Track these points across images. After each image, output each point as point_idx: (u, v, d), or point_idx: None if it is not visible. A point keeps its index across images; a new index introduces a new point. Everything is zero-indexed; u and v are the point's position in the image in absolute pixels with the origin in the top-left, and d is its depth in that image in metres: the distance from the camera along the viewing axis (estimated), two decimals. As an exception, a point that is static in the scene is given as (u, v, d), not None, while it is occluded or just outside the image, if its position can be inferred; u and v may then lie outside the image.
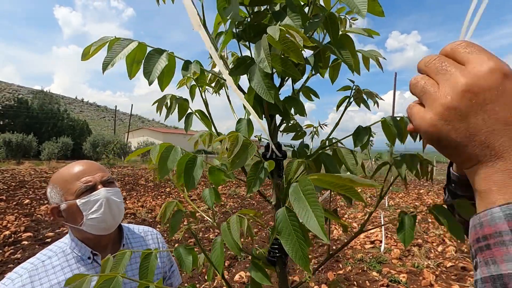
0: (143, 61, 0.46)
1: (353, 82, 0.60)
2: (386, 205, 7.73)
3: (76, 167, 0.93)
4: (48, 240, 4.60)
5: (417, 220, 0.58)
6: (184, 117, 0.60)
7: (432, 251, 4.42)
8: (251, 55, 0.51)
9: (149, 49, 0.49)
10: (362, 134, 0.53)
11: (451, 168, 0.55)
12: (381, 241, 4.64)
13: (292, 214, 0.29)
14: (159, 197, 8.73)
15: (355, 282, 3.42)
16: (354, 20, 0.58)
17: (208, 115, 0.58)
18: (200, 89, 0.53)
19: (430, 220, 6.31)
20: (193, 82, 0.51)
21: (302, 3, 0.51)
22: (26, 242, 4.40)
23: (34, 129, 27.88)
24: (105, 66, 0.44)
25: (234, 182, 12.47)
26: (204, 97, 0.53)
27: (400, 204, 8.38)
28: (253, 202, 8.50)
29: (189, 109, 0.58)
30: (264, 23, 0.48)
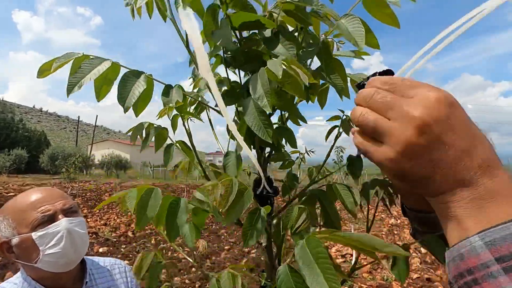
0: (117, 83, 0.41)
1: (342, 112, 0.59)
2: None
3: (33, 195, 0.82)
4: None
5: (383, 233, 0.58)
6: (164, 149, 0.54)
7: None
8: (240, 81, 0.48)
9: (123, 69, 0.44)
10: (356, 165, 0.52)
11: (404, 206, 0.53)
12: (351, 255, 4.72)
13: (297, 275, 0.26)
14: (124, 214, 8.24)
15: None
16: (341, 43, 0.57)
17: (191, 146, 0.53)
18: (183, 119, 0.49)
19: (396, 232, 6.55)
20: (175, 112, 0.46)
21: (291, 28, 0.50)
22: (-34, 270, 3.89)
23: (-17, 140, 25.40)
24: (70, 89, 0.38)
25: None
26: (187, 127, 0.49)
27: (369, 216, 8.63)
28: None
29: (168, 138, 0.53)
30: (256, 49, 0.45)
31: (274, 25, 0.39)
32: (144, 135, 0.52)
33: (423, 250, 5.23)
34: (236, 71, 0.48)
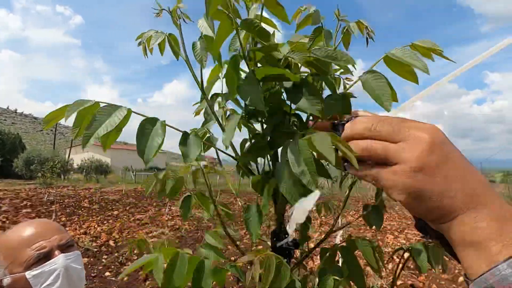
0: (135, 133, 0.39)
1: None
2: (340, 223, 8.05)
3: (27, 230, 0.76)
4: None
5: (368, 238, 0.59)
6: (181, 201, 0.52)
7: (383, 269, 4.66)
8: (262, 130, 0.46)
9: (135, 115, 0.41)
10: (377, 216, 0.51)
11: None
12: (337, 262, 4.76)
13: None
14: (105, 221, 7.95)
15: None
16: (348, 80, 0.57)
17: (210, 197, 0.50)
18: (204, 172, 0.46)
19: (379, 237, 6.69)
20: (195, 167, 0.44)
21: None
22: None
23: (-49, 143, 23.91)
24: (86, 141, 0.36)
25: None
26: (207, 180, 0.46)
27: (352, 222, 8.78)
28: (210, 224, 8.19)
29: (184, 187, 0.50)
30: (279, 101, 0.44)
31: (298, 79, 0.38)
32: (159, 184, 0.49)
33: (406, 255, 5.35)
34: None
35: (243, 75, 0.45)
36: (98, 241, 6.17)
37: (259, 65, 0.43)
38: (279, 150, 0.39)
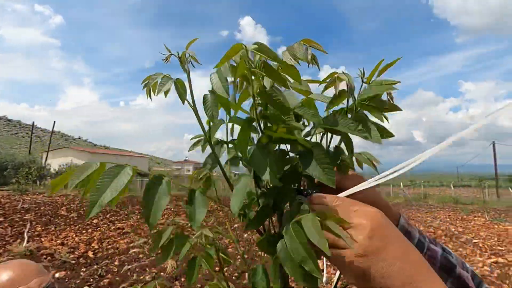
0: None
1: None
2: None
3: (4, 274, 0.71)
4: None
5: None
6: (188, 264, 0.50)
7: None
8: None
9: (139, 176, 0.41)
10: None
11: None
12: (322, 270, 4.78)
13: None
14: (84, 231, 7.65)
15: None
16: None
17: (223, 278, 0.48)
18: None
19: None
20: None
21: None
22: None
23: None
24: (91, 210, 0.35)
25: (172, 209, 11.72)
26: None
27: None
28: (193, 232, 8.04)
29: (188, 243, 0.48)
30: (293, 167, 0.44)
31: (310, 146, 0.38)
32: (167, 242, 0.47)
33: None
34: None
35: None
36: (76, 252, 5.92)
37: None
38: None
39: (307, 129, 0.51)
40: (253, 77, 0.39)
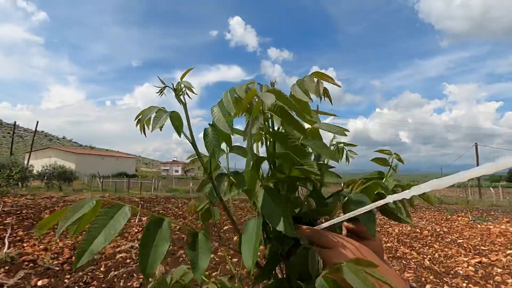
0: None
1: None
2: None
3: None
4: None
5: None
6: None
7: None
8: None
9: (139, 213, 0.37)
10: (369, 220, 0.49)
11: None
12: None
13: None
14: (68, 236, 7.42)
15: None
16: (352, 153, 0.57)
17: None
18: None
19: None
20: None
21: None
22: None
23: None
24: (79, 260, 0.31)
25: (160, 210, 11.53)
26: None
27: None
28: (175, 235, 7.93)
29: None
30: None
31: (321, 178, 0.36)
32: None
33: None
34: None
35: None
36: (60, 258, 5.72)
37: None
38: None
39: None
40: (264, 115, 0.36)
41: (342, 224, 0.51)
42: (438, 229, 9.28)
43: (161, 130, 0.40)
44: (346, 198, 0.47)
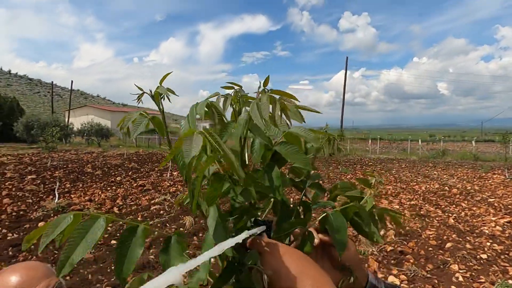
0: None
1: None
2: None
3: (12, 278, 0.75)
4: (-23, 250, 4.06)
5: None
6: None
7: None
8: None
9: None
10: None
11: None
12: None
13: None
14: (108, 188, 8.19)
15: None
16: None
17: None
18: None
19: (373, 203, 6.93)
20: None
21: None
22: None
23: (-52, 108, 23.60)
24: (61, 268, 0.35)
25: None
26: None
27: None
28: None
29: None
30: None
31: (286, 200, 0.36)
32: None
33: (398, 221, 5.59)
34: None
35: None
36: (103, 208, 6.41)
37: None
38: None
39: None
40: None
41: (314, 235, 0.52)
42: (469, 187, 8.99)
43: (146, 128, 0.43)
44: (324, 215, 0.48)
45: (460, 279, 3.51)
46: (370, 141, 27.55)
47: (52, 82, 36.96)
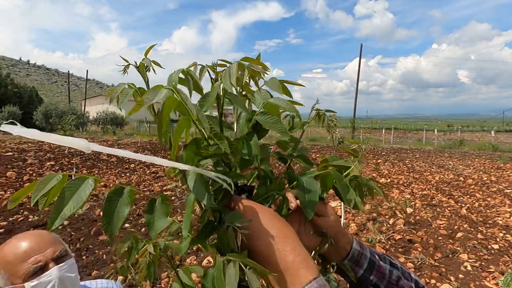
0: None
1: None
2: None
3: (22, 244, 0.83)
4: (1, 230, 4.31)
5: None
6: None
7: (385, 224, 4.86)
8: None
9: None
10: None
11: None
12: (340, 216, 4.99)
13: None
14: (123, 174, 8.44)
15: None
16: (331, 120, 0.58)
17: None
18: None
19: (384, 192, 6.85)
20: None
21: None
22: (-24, 234, 4.10)
23: (-28, 97, 24.59)
24: (52, 223, 0.38)
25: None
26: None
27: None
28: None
29: None
30: None
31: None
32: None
33: (408, 210, 5.54)
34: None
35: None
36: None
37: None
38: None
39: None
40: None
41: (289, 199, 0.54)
42: (485, 178, 8.75)
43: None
44: (296, 182, 0.50)
45: (469, 268, 3.48)
46: (383, 130, 27.00)
47: (68, 71, 37.83)
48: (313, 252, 0.55)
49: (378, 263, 0.58)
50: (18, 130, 0.32)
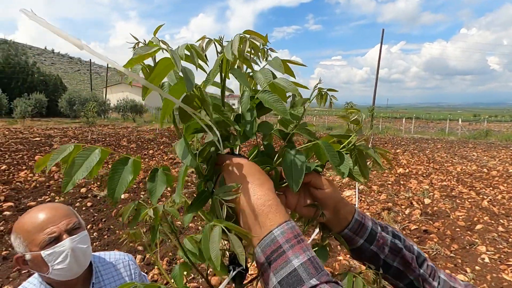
0: (107, 173, 0.47)
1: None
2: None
3: (40, 215, 0.91)
4: (31, 209, 4.61)
5: (389, 182, 0.65)
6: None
7: (400, 214, 4.79)
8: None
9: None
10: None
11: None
12: (355, 204, 4.96)
13: None
14: (142, 160, 8.71)
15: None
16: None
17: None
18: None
19: (402, 183, 6.72)
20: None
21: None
22: (8, 213, 4.41)
23: (2, 85, 25.89)
24: (65, 186, 0.43)
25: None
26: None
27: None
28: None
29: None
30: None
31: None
32: None
33: (426, 201, 5.41)
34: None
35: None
36: (136, 178, 6.88)
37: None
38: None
39: None
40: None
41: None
42: (511, 170, 8.36)
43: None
44: (285, 154, 0.51)
45: (486, 260, 3.40)
46: (404, 119, 26.15)
47: (90, 60, 38.83)
48: (312, 220, 0.58)
49: (380, 234, 0.60)
50: (31, 15, 0.36)
